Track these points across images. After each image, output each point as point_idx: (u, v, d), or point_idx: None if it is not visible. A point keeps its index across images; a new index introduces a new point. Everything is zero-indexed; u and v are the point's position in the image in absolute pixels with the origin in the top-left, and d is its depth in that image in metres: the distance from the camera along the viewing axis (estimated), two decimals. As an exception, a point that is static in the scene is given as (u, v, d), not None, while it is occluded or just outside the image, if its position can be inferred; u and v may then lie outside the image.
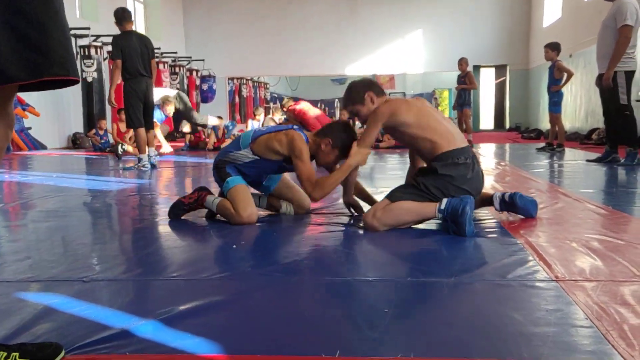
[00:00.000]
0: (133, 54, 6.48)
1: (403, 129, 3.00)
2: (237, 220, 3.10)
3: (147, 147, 6.80)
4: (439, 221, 2.96)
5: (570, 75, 8.37)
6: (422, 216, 2.89)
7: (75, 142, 12.38)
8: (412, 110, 2.99)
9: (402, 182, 3.35)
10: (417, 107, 3.03)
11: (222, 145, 11.10)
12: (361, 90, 3.12)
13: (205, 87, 16.73)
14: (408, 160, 3.50)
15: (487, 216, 3.26)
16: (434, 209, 2.84)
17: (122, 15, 6.58)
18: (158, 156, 6.98)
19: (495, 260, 2.29)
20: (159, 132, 9.27)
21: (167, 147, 9.89)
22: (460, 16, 17.98)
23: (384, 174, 6.13)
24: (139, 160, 6.75)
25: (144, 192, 4.79)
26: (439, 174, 2.92)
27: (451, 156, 2.93)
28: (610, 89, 6.08)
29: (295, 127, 3.25)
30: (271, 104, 21.95)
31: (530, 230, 2.84)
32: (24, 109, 10.58)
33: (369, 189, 3.57)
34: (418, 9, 18.10)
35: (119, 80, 6.61)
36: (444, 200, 2.83)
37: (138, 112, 6.63)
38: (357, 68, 18.80)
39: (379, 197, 4.02)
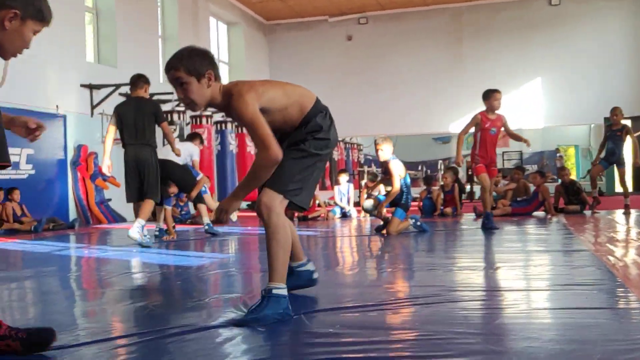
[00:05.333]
0: (129, 122, 6.78)
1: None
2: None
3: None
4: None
5: None
6: None
7: (154, 214, 12.96)
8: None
9: (524, 257, 3.25)
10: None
11: (311, 216, 11.28)
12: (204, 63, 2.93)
13: (292, 150, 17.16)
14: (528, 230, 3.40)
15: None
16: None
17: (131, 82, 7.11)
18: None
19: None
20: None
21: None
22: (586, 62, 17.58)
23: (500, 246, 5.98)
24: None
25: (224, 268, 4.92)
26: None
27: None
28: None
29: None
30: (365, 168, 22.12)
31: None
32: (104, 180, 11.27)
33: (482, 263, 3.49)
34: (536, 55, 17.89)
35: (108, 145, 6.90)
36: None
37: (129, 184, 6.87)
38: (463, 124, 18.68)
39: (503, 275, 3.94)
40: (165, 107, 13.19)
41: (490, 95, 7.59)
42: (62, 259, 6.24)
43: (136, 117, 6.71)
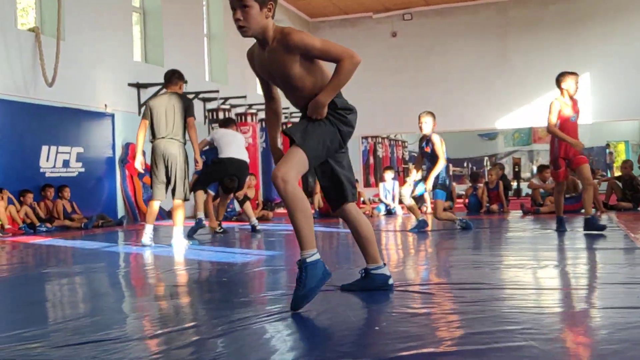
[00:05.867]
0: (160, 116, 6.63)
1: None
2: None
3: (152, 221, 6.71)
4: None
5: None
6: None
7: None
8: None
9: (572, 255, 3.19)
10: None
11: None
12: None
13: (336, 147, 17.15)
14: (577, 228, 3.33)
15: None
16: None
17: (166, 78, 6.92)
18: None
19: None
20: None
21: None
22: (636, 55, 17.12)
23: (548, 244, 5.87)
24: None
25: (269, 265, 4.95)
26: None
27: None
28: None
29: None
30: (410, 165, 22.00)
31: None
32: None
33: (529, 261, 3.43)
34: (584, 49, 17.50)
35: (140, 138, 6.75)
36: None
37: (155, 179, 6.70)
38: (510, 121, 18.42)
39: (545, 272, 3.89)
40: (210, 106, 13.37)
41: (567, 77, 6.64)
42: (111, 256, 6.37)
43: (167, 112, 6.62)
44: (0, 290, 4.31)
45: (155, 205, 6.73)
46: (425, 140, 7.52)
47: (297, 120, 3.53)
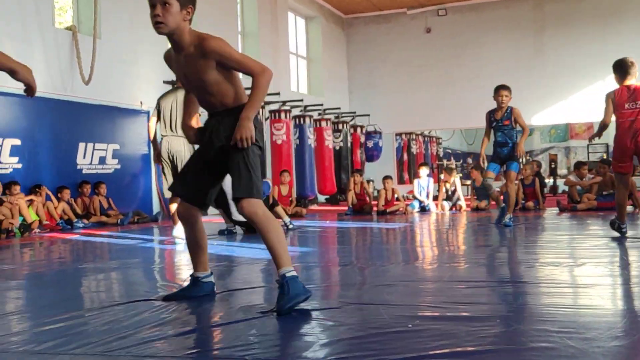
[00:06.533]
0: (166, 112, 6.67)
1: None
2: None
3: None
4: None
5: None
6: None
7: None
8: None
9: (609, 253, 3.13)
10: None
11: (390, 210, 11.23)
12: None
13: (370, 144, 17.11)
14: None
15: None
16: None
17: None
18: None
19: None
20: None
21: None
22: (677, 49, 16.74)
23: (585, 242, 5.77)
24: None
25: (302, 262, 4.96)
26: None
27: None
28: None
29: None
30: (444, 162, 21.84)
31: None
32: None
33: (566, 258, 3.35)
34: (620, 43, 17.10)
35: (151, 135, 6.98)
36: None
37: (164, 178, 6.74)
38: (546, 117, 18.15)
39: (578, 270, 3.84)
40: (271, 107, 13.49)
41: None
42: (147, 251, 6.45)
43: (172, 108, 6.63)
44: (37, 285, 4.39)
45: (174, 206, 6.71)
46: (504, 113, 7.62)
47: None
